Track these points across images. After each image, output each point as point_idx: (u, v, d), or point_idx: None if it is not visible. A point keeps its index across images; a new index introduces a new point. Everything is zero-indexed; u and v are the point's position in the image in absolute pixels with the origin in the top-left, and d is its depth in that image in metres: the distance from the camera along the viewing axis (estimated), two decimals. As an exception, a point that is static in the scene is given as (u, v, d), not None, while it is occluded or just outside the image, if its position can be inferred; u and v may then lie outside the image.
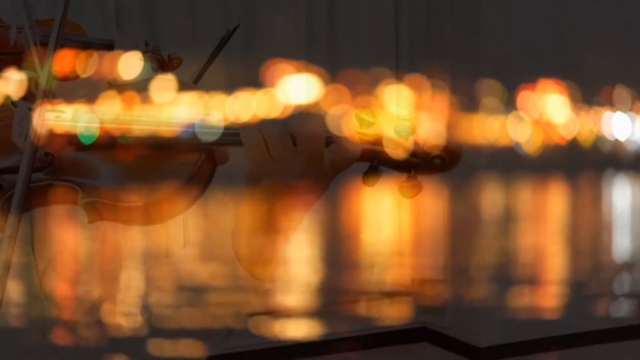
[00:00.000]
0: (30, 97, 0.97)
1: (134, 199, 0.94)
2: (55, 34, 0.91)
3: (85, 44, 1.11)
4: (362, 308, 4.42)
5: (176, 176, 0.95)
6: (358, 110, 0.97)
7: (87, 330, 1.05)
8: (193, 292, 1.03)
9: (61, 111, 0.95)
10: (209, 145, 0.96)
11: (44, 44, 0.99)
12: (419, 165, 0.97)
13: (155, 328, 1.04)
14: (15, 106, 0.96)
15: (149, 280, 1.07)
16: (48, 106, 0.92)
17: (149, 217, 0.95)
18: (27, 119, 0.94)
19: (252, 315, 1.07)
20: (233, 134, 0.95)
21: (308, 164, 0.94)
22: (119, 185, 0.95)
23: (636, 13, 4.45)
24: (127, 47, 1.16)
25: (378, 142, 0.96)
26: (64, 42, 0.99)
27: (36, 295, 1.06)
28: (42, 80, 0.92)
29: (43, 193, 0.94)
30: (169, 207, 0.95)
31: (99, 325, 1.05)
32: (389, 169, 0.97)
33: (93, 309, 1.06)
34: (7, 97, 0.98)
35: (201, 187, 0.97)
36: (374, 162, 0.96)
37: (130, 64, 1.05)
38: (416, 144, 0.96)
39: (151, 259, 1.10)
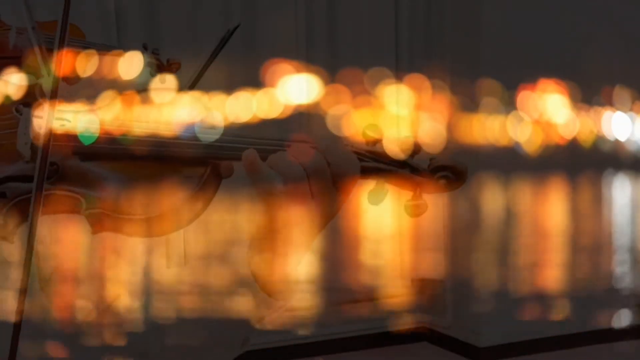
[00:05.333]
0: (34, 103, 0.97)
1: (138, 211, 0.94)
2: (59, 35, 0.91)
3: (85, 48, 1.11)
4: (363, 308, 4.42)
5: (181, 189, 0.95)
6: (364, 128, 0.96)
7: (92, 338, 1.05)
8: (206, 301, 1.03)
9: (66, 119, 0.95)
10: (214, 159, 0.96)
11: (46, 47, 0.98)
12: (424, 184, 0.96)
13: (169, 337, 1.04)
14: (20, 113, 0.96)
15: (157, 289, 1.07)
16: (54, 111, 0.92)
17: (152, 230, 0.95)
18: (31, 127, 0.93)
19: (264, 321, 1.07)
20: (237, 149, 0.95)
21: (318, 191, 0.94)
22: (123, 197, 0.95)
23: (636, 13, 4.45)
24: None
25: (383, 158, 0.96)
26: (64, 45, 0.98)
27: (37, 303, 1.05)
28: (46, 84, 0.92)
29: (47, 202, 0.93)
30: (173, 220, 0.95)
31: (105, 334, 1.05)
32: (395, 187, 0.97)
33: (97, 317, 1.06)
34: (11, 104, 0.97)
35: (206, 201, 0.97)
36: (380, 180, 0.96)
37: (130, 65, 1.05)
38: (422, 163, 0.96)
39: (158, 269, 1.10)
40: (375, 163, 0.96)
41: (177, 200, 0.95)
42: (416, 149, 0.96)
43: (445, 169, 0.97)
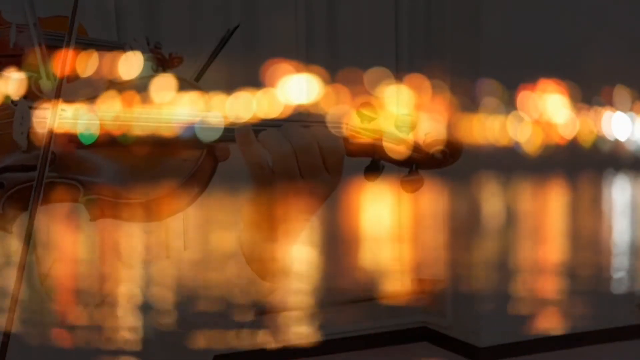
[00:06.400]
0: (31, 96, 0.97)
1: (136, 196, 0.94)
2: (70, 34, 0.91)
3: (87, 45, 1.11)
4: (363, 308, 4.42)
5: (178, 173, 0.95)
6: (359, 106, 0.97)
7: (90, 328, 1.05)
8: (199, 289, 1.04)
9: (62, 109, 0.95)
10: (210, 142, 0.96)
11: (46, 45, 0.98)
12: (420, 160, 0.97)
13: (162, 325, 1.04)
14: (16, 105, 0.96)
15: (152, 278, 1.07)
16: (56, 105, 0.92)
17: (150, 214, 0.95)
18: (27, 117, 0.94)
19: (258, 311, 1.07)
20: (233, 132, 0.96)
21: (308, 171, 0.94)
22: (120, 182, 0.95)
23: (636, 13, 4.45)
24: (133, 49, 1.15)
25: (379, 137, 0.96)
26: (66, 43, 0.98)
27: (38, 293, 1.06)
28: (49, 80, 0.93)
29: (45, 191, 0.94)
30: (170, 204, 0.95)
31: (102, 324, 1.06)
32: (391, 165, 0.97)
33: (96, 307, 1.06)
34: (7, 97, 0.98)
35: (203, 184, 0.97)
36: (375, 157, 0.96)
37: (130, 63, 1.05)
38: (417, 138, 0.96)
39: (154, 256, 1.10)
40: (371, 140, 0.96)
41: (174, 183, 0.95)
42: (412, 127, 0.96)
43: (441, 144, 0.97)
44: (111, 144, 0.95)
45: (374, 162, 0.97)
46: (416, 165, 0.97)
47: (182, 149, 0.96)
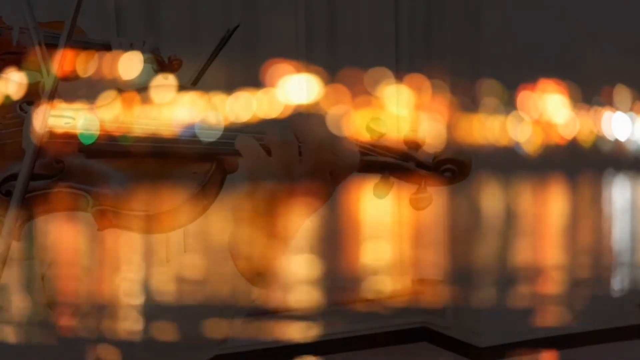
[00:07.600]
0: (38, 101, 0.97)
1: (145, 208, 0.95)
2: (66, 34, 0.91)
3: (84, 45, 1.11)
4: (362, 308, 4.42)
5: (188, 185, 0.96)
6: (368, 121, 0.97)
7: (88, 333, 1.05)
8: (197, 291, 1.03)
9: (70, 117, 0.95)
10: (219, 155, 0.96)
11: (48, 45, 0.98)
12: (429, 177, 0.97)
13: (157, 330, 1.04)
14: (25, 112, 0.96)
15: (150, 283, 1.07)
16: (54, 109, 0.92)
17: (160, 226, 0.95)
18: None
19: (251, 314, 1.07)
20: (232, 143, 0.95)
21: (312, 171, 0.93)
22: (129, 193, 0.95)
23: (636, 13, 4.45)
24: (124, 49, 1.15)
25: (388, 152, 0.96)
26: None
27: (39, 301, 1.06)
28: (47, 83, 0.92)
29: (53, 200, 0.94)
30: (180, 216, 0.95)
31: (99, 329, 1.06)
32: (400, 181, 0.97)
33: (96, 314, 1.06)
34: (14, 103, 0.98)
35: (212, 196, 0.97)
36: (385, 173, 0.96)
37: (130, 64, 1.05)
38: (427, 155, 0.96)
39: (153, 263, 1.10)
40: (380, 157, 0.96)
41: (184, 196, 0.95)
42: (420, 143, 0.96)
43: (450, 162, 0.97)
44: (120, 153, 0.95)
45: (384, 178, 0.97)
46: (425, 183, 0.97)
47: (191, 161, 0.96)
